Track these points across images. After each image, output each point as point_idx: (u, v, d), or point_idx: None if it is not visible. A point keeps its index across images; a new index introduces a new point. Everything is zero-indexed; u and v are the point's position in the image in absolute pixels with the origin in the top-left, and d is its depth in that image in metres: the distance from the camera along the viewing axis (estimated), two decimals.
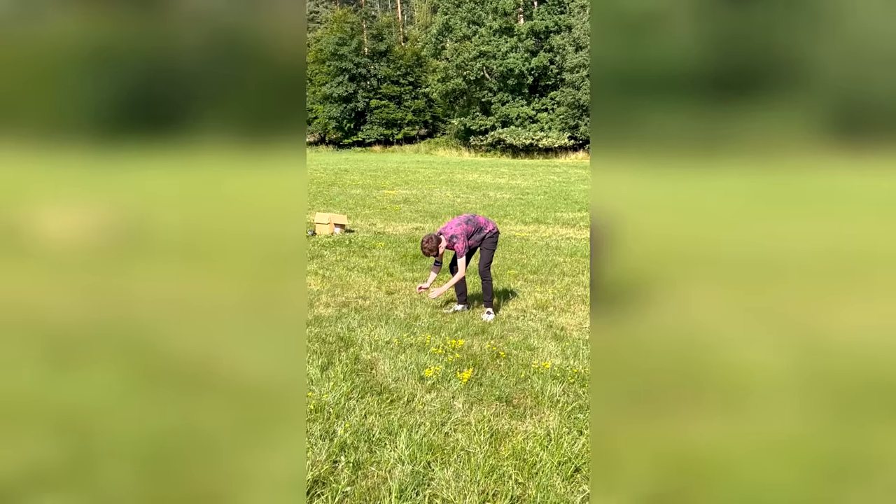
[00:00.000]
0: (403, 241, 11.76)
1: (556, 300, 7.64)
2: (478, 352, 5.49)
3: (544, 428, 3.95)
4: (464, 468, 3.42)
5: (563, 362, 5.23)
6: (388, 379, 4.70)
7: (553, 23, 46.60)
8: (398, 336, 5.79)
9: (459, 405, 4.28)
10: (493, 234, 6.85)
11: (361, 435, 3.72)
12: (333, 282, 8.32)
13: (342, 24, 53.76)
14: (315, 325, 6.17)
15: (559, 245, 12.02)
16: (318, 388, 4.43)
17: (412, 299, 7.38)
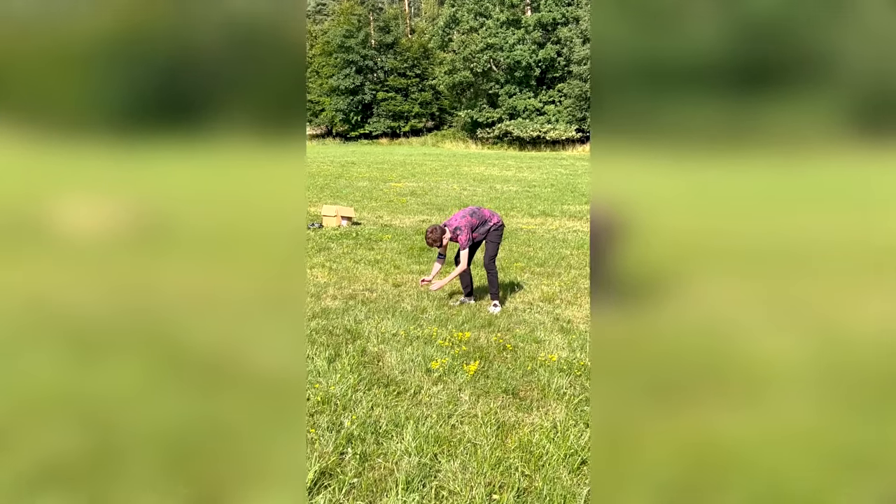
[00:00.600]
0: (410, 234, 11.76)
1: (563, 293, 7.63)
2: (484, 344, 5.49)
3: (551, 420, 3.96)
4: (470, 460, 3.43)
5: (569, 355, 5.23)
6: (395, 371, 4.71)
7: (560, 15, 46.36)
8: (405, 328, 5.80)
9: (466, 397, 4.29)
10: (499, 227, 6.84)
11: (368, 427, 3.73)
12: (340, 274, 8.33)
13: (349, 16, 53.59)
14: (322, 317, 6.18)
15: (566, 238, 12.00)
16: (326, 379, 4.44)
17: (419, 292, 7.39)
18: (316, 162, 29.45)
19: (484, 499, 3.08)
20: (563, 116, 45.32)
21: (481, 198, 18.50)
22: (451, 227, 6.61)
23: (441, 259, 6.82)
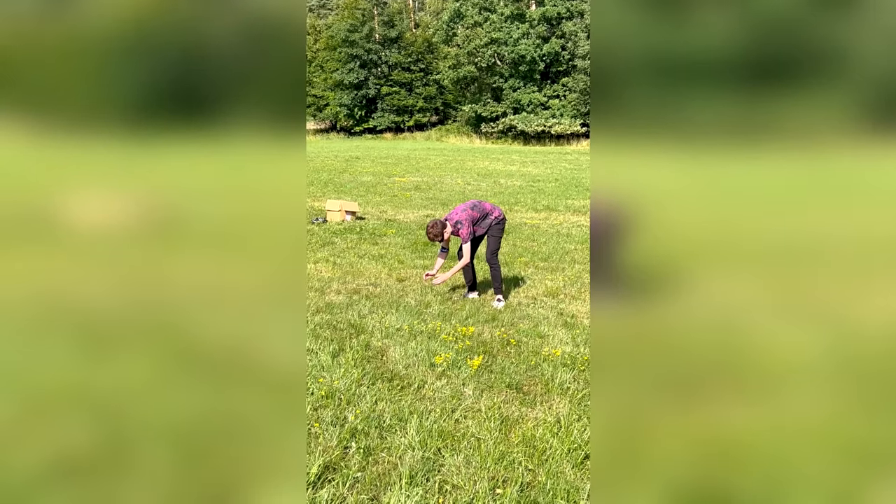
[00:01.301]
0: (414, 229, 11.77)
1: (567, 288, 7.63)
2: (488, 339, 5.50)
3: (554, 415, 3.96)
4: (474, 454, 3.43)
5: (573, 350, 5.23)
6: (399, 366, 4.72)
7: (565, 9, 46.25)
8: (409, 323, 5.81)
9: (470, 392, 4.30)
10: (500, 221, 6.83)
11: (372, 421, 3.74)
12: (344, 269, 8.34)
13: (353, 10, 53.54)
14: (326, 311, 6.19)
15: (570, 232, 11.99)
16: (330, 374, 4.45)
17: (423, 287, 7.40)
18: (320, 157, 29.46)
19: (487, 493, 3.09)
20: (568, 111, 45.25)
21: (485, 192, 18.48)
22: (451, 221, 6.61)
23: (444, 253, 6.82)
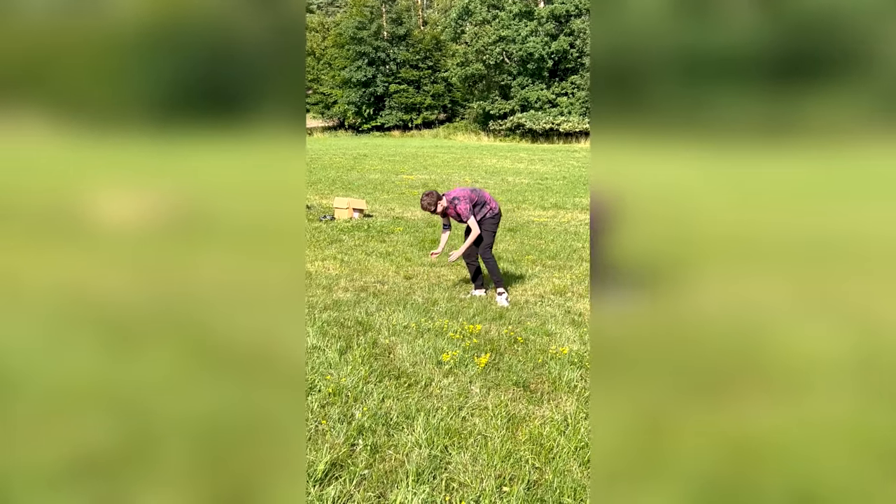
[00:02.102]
0: (421, 227, 11.77)
1: (575, 285, 7.62)
2: (495, 337, 5.50)
3: (561, 413, 3.96)
4: (481, 452, 3.44)
5: (580, 348, 5.23)
6: (406, 363, 4.73)
7: (574, 6, 46.06)
8: (416, 320, 5.81)
9: (477, 390, 4.30)
10: (495, 216, 6.81)
11: (379, 418, 3.75)
12: (352, 266, 8.36)
13: (362, 7, 53.52)
14: (333, 309, 6.20)
15: (578, 230, 11.96)
16: (337, 371, 4.46)
17: (430, 284, 7.40)
18: (328, 154, 29.50)
19: (494, 491, 3.09)
20: (576, 108, 45.10)
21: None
22: (448, 197, 6.63)
23: (447, 230, 6.85)
